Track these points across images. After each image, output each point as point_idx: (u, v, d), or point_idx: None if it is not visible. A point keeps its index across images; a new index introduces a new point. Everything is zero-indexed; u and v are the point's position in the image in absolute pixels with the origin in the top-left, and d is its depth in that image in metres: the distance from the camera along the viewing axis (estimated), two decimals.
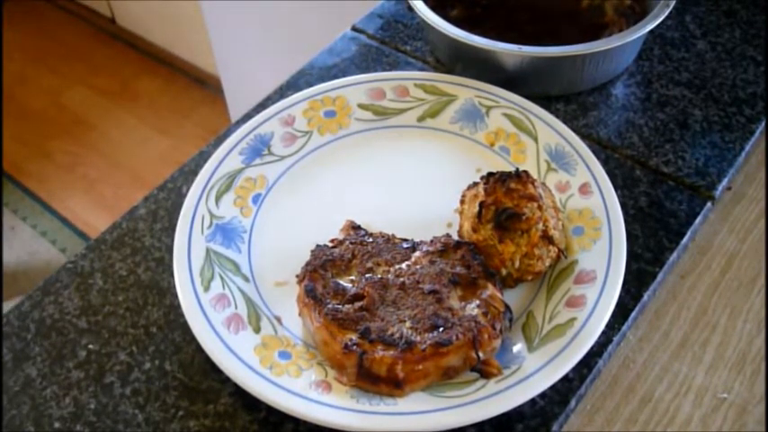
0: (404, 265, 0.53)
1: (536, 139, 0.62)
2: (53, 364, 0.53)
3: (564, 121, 0.65)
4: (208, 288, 0.53)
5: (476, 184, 0.56)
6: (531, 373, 0.48)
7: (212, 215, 0.58)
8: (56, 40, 2.38)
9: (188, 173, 0.65)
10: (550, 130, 0.62)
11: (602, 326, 0.50)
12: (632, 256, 0.57)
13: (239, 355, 0.50)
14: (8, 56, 2.30)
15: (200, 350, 0.52)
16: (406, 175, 0.63)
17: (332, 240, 0.56)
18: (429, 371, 0.48)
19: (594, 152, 0.61)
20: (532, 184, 0.54)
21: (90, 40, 2.37)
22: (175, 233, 0.57)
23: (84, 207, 1.91)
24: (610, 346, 0.52)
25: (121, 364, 0.53)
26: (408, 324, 0.49)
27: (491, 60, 0.66)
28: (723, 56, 0.72)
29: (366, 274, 0.53)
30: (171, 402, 0.51)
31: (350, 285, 0.52)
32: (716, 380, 0.55)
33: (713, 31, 0.75)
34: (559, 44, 0.64)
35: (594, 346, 0.50)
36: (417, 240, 0.55)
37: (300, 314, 0.53)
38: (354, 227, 0.57)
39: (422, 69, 0.73)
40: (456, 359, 0.48)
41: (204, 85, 2.16)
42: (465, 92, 0.66)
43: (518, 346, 0.51)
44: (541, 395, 0.49)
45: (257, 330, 0.52)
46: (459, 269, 0.52)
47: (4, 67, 2.23)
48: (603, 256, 0.54)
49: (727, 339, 0.57)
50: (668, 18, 0.70)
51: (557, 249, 0.53)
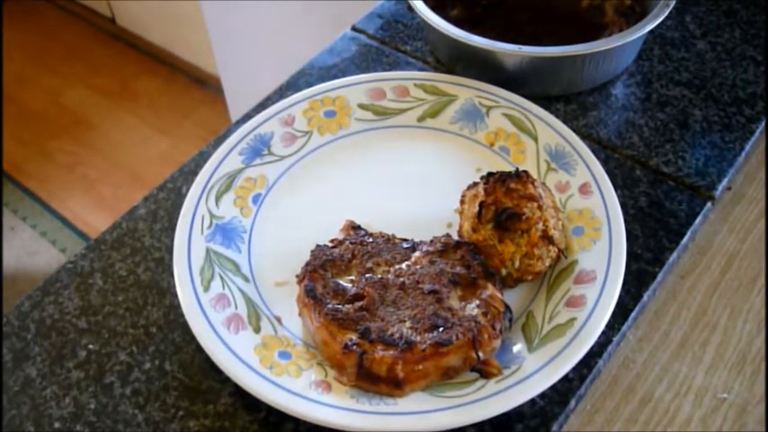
0: (404, 265, 0.53)
1: (536, 139, 0.62)
2: (53, 364, 0.53)
3: (564, 121, 0.65)
4: (208, 288, 0.53)
5: (476, 184, 0.56)
6: (531, 374, 0.48)
7: (212, 215, 0.58)
8: (56, 40, 2.38)
9: (188, 173, 0.65)
10: (550, 130, 0.62)
11: (602, 326, 0.50)
12: (632, 256, 0.57)
13: (239, 355, 0.50)
14: (8, 56, 2.30)
15: (200, 350, 0.52)
16: (406, 175, 0.63)
17: (332, 240, 0.56)
18: (429, 371, 0.48)
19: (594, 152, 0.61)
20: (532, 184, 0.54)
21: (90, 40, 2.37)
22: (175, 233, 0.57)
23: (84, 207, 1.91)
24: (610, 347, 0.52)
25: (121, 364, 0.53)
26: (408, 324, 0.49)
27: (491, 60, 0.66)
28: (723, 56, 0.72)
29: (366, 274, 0.53)
30: (171, 402, 0.51)
31: (350, 285, 0.52)
32: (716, 380, 0.55)
33: (713, 31, 0.75)
34: (559, 44, 0.64)
35: (594, 346, 0.50)
36: (417, 240, 0.55)
37: (300, 314, 0.53)
38: (354, 227, 0.57)
39: (422, 69, 0.73)
40: (456, 359, 0.48)
41: (204, 85, 2.16)
42: (465, 92, 0.66)
43: (518, 346, 0.51)
44: (541, 395, 0.49)
45: (257, 330, 0.52)
46: (459, 269, 0.52)
47: (4, 67, 2.23)
48: (603, 256, 0.54)
49: (727, 339, 0.57)
50: (668, 18, 0.70)
51: (557, 249, 0.53)
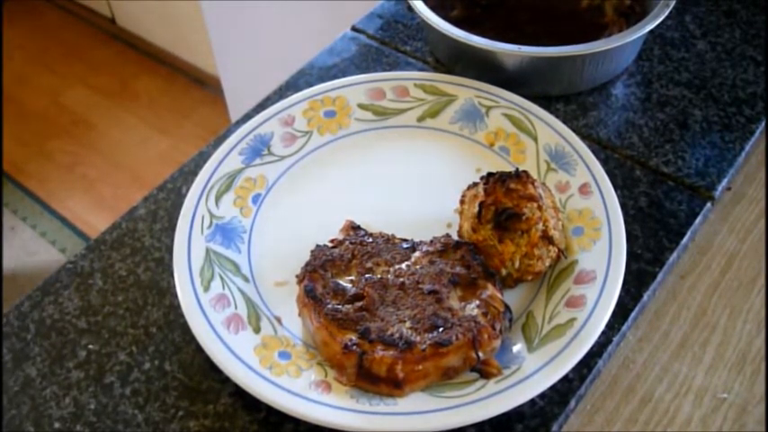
0: (404, 266, 0.53)
1: (536, 139, 0.62)
2: (53, 364, 0.53)
3: (564, 121, 0.65)
4: (208, 288, 0.54)
5: (476, 184, 0.56)
6: (531, 374, 0.48)
7: (212, 215, 0.58)
8: (56, 39, 2.38)
9: (188, 173, 0.65)
10: (550, 130, 0.62)
11: (601, 326, 0.50)
12: (632, 257, 0.57)
13: (239, 356, 0.50)
14: (8, 56, 2.30)
15: (199, 350, 0.52)
16: (406, 175, 0.63)
17: (332, 240, 0.56)
18: (429, 371, 0.48)
19: (594, 152, 0.61)
20: (532, 184, 0.54)
21: (90, 40, 2.37)
22: (175, 233, 0.57)
23: (84, 207, 1.91)
24: (609, 347, 0.52)
25: (121, 365, 0.53)
26: (408, 324, 0.49)
27: (491, 60, 0.66)
28: (723, 56, 0.72)
29: (366, 275, 0.53)
30: (171, 402, 0.51)
31: (350, 285, 0.52)
32: (716, 380, 0.55)
33: (713, 31, 0.75)
34: (559, 44, 0.64)
35: (594, 346, 0.50)
36: (417, 240, 0.55)
37: (300, 314, 0.53)
38: (354, 227, 0.57)
39: (422, 69, 0.73)
40: (456, 359, 0.48)
41: (204, 85, 2.16)
42: (465, 92, 0.66)
43: (518, 347, 0.50)
44: (541, 395, 0.49)
45: (257, 330, 0.52)
46: (459, 269, 0.52)
47: (4, 67, 2.23)
48: (603, 257, 0.54)
49: (727, 339, 0.57)
50: (668, 18, 0.70)
51: (556, 249, 0.53)
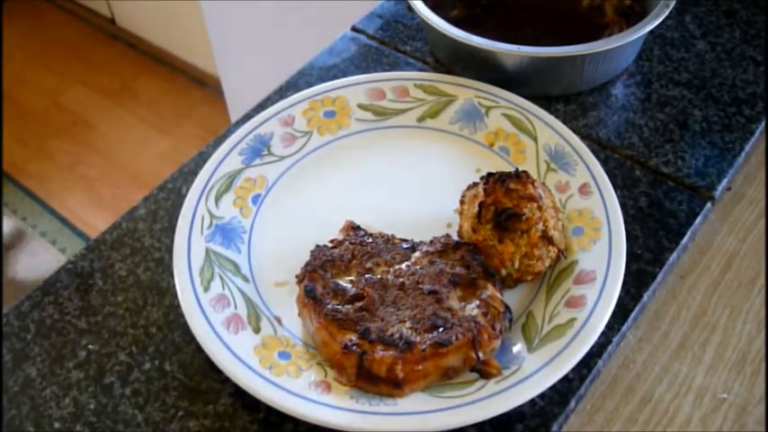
0: (403, 266, 0.53)
1: (536, 139, 0.62)
2: (53, 364, 0.53)
3: (564, 122, 0.65)
4: (207, 288, 0.54)
5: (475, 184, 0.56)
6: (531, 374, 0.48)
7: (212, 215, 0.58)
8: (56, 40, 2.38)
9: (188, 173, 0.65)
10: (550, 130, 0.62)
11: (601, 326, 0.50)
12: (632, 257, 0.57)
13: (239, 356, 0.50)
14: (8, 56, 2.30)
15: (199, 350, 0.52)
16: (406, 175, 0.63)
17: (332, 241, 0.56)
18: (429, 371, 0.48)
19: (594, 152, 0.61)
20: (532, 184, 0.54)
21: (90, 40, 2.37)
22: (175, 233, 0.57)
23: (84, 207, 1.91)
24: (609, 347, 0.52)
25: (121, 365, 0.53)
26: (408, 324, 0.49)
27: (491, 60, 0.66)
28: (723, 56, 0.72)
29: (366, 275, 0.53)
30: (171, 403, 0.51)
31: (349, 286, 0.52)
32: (716, 380, 0.55)
33: (713, 31, 0.75)
34: (559, 44, 0.64)
35: (594, 346, 0.50)
36: (417, 241, 0.55)
37: (300, 314, 0.53)
38: (354, 227, 0.57)
39: (422, 69, 0.73)
40: (456, 359, 0.48)
41: (204, 85, 2.16)
42: (465, 92, 0.66)
43: (518, 347, 0.51)
44: (541, 395, 0.49)
45: (257, 330, 0.52)
46: (459, 269, 0.52)
47: (4, 67, 2.23)
48: (603, 257, 0.54)
49: (727, 339, 0.57)
50: (668, 18, 0.70)
51: (556, 250, 0.53)
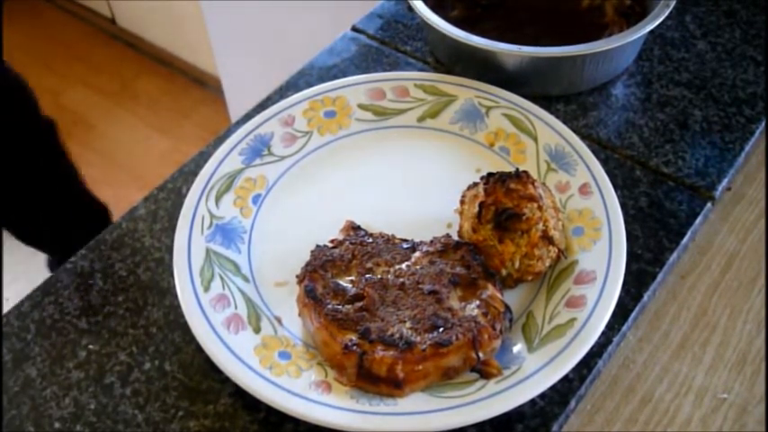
0: (404, 266, 0.53)
1: (536, 139, 0.62)
2: (53, 364, 0.53)
3: (564, 122, 0.65)
4: (208, 288, 0.54)
5: (476, 184, 0.56)
6: (531, 374, 0.48)
7: (212, 215, 0.58)
8: (56, 40, 2.38)
9: (188, 173, 0.65)
10: (550, 130, 0.62)
11: (602, 326, 0.50)
12: (632, 257, 0.57)
13: (239, 356, 0.50)
14: (8, 56, 2.30)
15: (200, 350, 0.52)
16: (406, 175, 0.63)
17: (332, 241, 0.56)
18: (429, 371, 0.48)
19: (594, 152, 0.61)
20: (532, 184, 0.54)
21: (90, 40, 2.36)
22: (175, 233, 0.57)
23: None
24: (610, 347, 0.52)
25: (121, 365, 0.53)
26: (408, 324, 0.49)
27: (491, 60, 0.66)
28: (723, 56, 0.72)
29: (366, 275, 0.53)
30: (171, 403, 0.51)
31: (350, 286, 0.52)
32: (716, 380, 0.55)
33: (713, 31, 0.75)
34: (559, 44, 0.64)
35: (594, 346, 0.50)
36: (417, 241, 0.55)
37: (300, 314, 0.53)
38: (354, 227, 0.57)
39: (422, 69, 0.73)
40: (456, 359, 0.48)
41: (204, 85, 2.16)
42: (465, 92, 0.66)
43: (518, 347, 0.51)
44: (541, 395, 0.49)
45: (257, 331, 0.52)
46: (459, 269, 0.52)
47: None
48: (603, 257, 0.54)
49: (727, 340, 0.57)
50: (668, 18, 0.70)
51: (557, 250, 0.53)
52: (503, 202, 0.53)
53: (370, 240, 0.55)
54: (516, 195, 0.53)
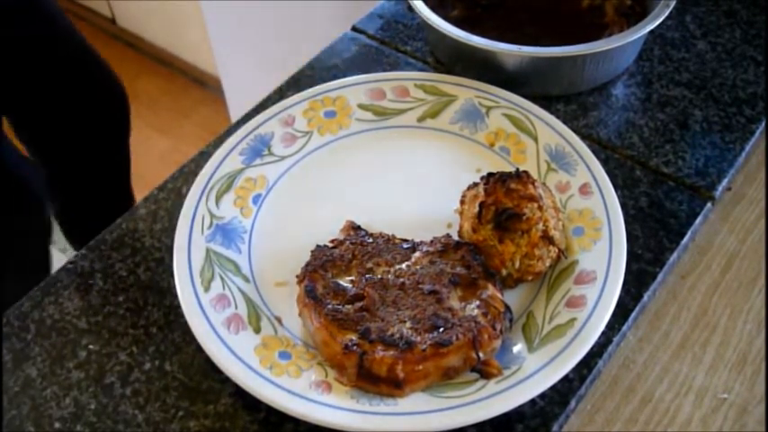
0: (404, 266, 0.53)
1: (536, 139, 0.62)
2: (53, 364, 0.53)
3: (564, 122, 0.65)
4: (208, 288, 0.53)
5: (476, 184, 0.56)
6: (531, 374, 0.48)
7: (212, 215, 0.58)
8: None
9: (188, 173, 0.65)
10: (550, 130, 0.62)
11: (602, 326, 0.50)
12: (632, 257, 0.57)
13: (239, 356, 0.50)
14: None
15: (200, 350, 0.52)
16: (406, 175, 0.63)
17: (332, 241, 0.56)
18: (429, 371, 0.48)
19: (594, 152, 0.61)
20: (532, 184, 0.54)
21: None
22: (175, 233, 0.57)
23: None
24: (610, 347, 0.52)
25: (121, 365, 0.53)
26: (408, 324, 0.49)
27: (491, 60, 0.66)
28: (723, 56, 0.72)
29: (366, 275, 0.53)
30: (171, 403, 0.51)
31: (350, 286, 0.52)
32: (716, 380, 0.55)
33: (713, 31, 0.75)
34: (559, 44, 0.64)
35: (594, 346, 0.50)
36: (417, 241, 0.55)
37: (300, 314, 0.53)
38: (354, 227, 0.57)
39: (422, 69, 0.73)
40: (456, 359, 0.48)
41: (204, 85, 2.16)
42: (465, 92, 0.66)
43: (518, 347, 0.51)
44: (541, 395, 0.49)
45: (257, 331, 0.52)
46: (460, 269, 0.52)
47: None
48: (603, 257, 0.54)
49: (728, 340, 0.57)
50: (668, 18, 0.70)
51: (557, 250, 0.53)
52: (503, 202, 0.53)
53: (371, 240, 0.55)
54: (516, 195, 0.53)
